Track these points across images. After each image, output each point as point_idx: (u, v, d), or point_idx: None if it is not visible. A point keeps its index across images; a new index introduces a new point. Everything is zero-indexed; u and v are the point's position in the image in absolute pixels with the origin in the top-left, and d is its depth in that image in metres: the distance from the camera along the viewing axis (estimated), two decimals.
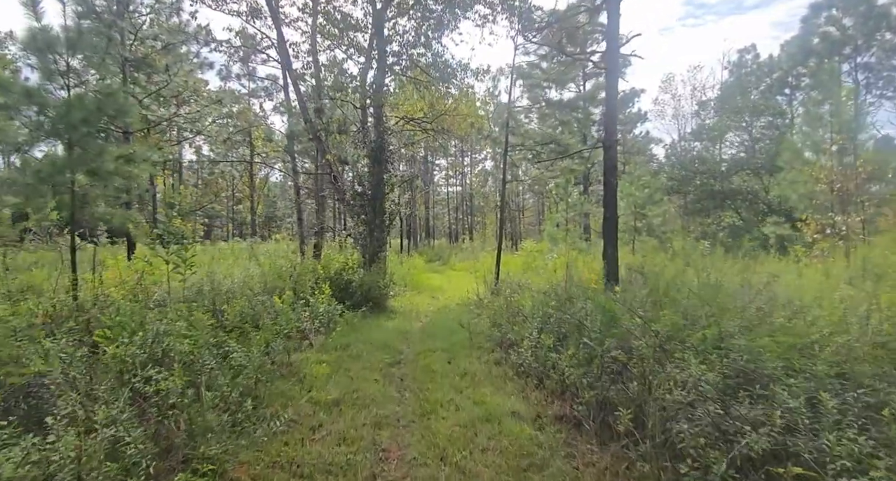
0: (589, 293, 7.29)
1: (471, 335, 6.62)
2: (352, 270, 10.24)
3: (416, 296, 12.59)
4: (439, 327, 7.96)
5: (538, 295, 8.86)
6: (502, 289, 11.44)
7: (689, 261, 11.78)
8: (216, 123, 26.47)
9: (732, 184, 21.60)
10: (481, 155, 47.63)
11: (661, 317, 3.73)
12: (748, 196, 22.07)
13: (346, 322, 7.93)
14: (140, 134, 24.27)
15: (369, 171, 11.96)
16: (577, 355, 3.82)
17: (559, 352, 4.15)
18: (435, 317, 9.35)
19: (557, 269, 14.72)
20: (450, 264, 24.15)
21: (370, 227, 11.77)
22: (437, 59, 12.92)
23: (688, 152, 27.49)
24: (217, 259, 15.05)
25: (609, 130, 8.16)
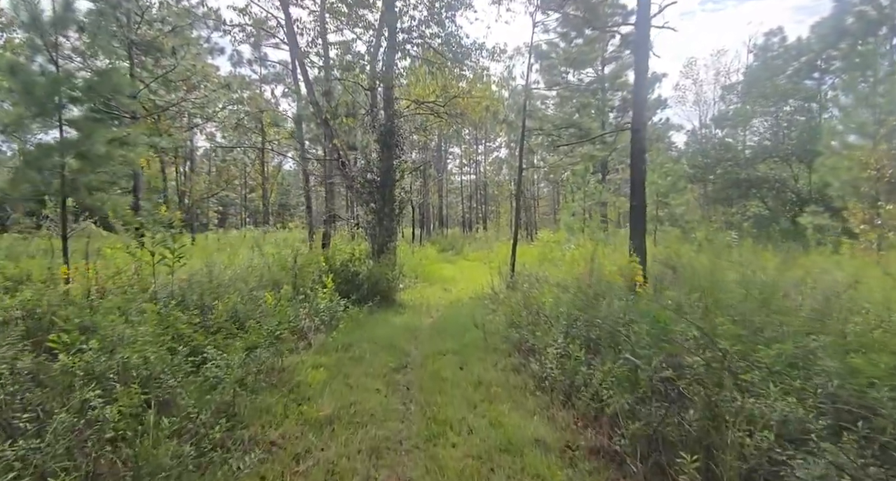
0: (616, 290, 6.65)
1: (485, 335, 6.02)
2: (359, 261, 9.68)
3: (428, 289, 12.01)
4: (451, 324, 7.37)
5: (558, 290, 8.23)
6: (518, 282, 10.81)
7: (720, 253, 11.03)
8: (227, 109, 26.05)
9: (758, 172, 20.58)
10: (495, 143, 46.74)
11: (715, 325, 3.09)
12: (775, 184, 21.04)
13: (351, 318, 7.37)
14: (151, 119, 23.94)
15: (378, 157, 11.35)
16: (614, 371, 3.20)
17: (591, 365, 3.51)
18: (446, 313, 8.76)
19: (576, 261, 14.05)
20: (463, 254, 23.53)
21: (379, 216, 11.18)
22: (451, 39, 12.19)
23: (710, 139, 26.38)
24: (222, 248, 14.62)
25: (638, 111, 7.43)
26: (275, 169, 47.22)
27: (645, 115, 7.38)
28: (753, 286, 5.22)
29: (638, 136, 7.34)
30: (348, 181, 11.64)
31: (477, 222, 43.29)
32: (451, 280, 14.18)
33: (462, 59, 12.08)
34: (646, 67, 7.24)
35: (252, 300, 5.69)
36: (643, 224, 7.51)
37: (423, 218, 32.33)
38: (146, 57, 19.18)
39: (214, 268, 8.44)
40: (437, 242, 27.66)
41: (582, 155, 11.12)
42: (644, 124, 7.40)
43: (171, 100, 19.22)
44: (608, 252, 13.67)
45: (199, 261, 9.83)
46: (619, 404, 2.89)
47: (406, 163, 11.34)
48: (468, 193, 47.78)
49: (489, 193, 46.25)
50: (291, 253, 8.89)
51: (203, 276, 7.89)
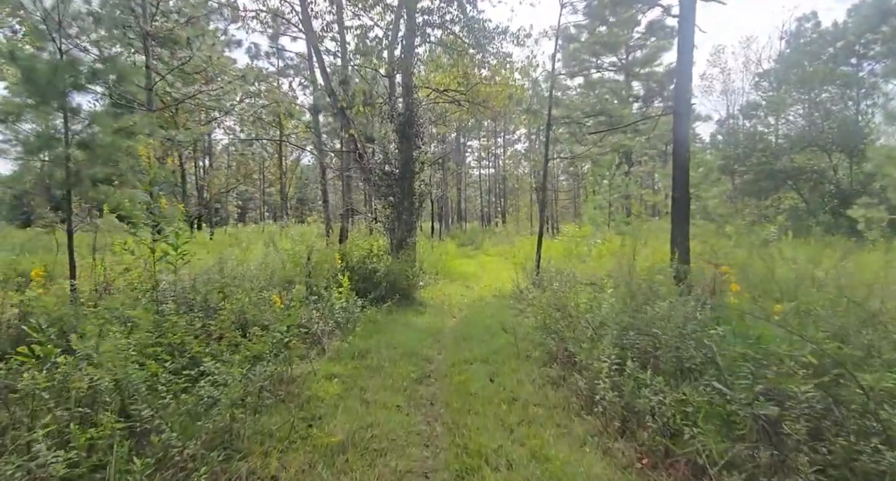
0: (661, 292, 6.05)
1: (516, 341, 5.45)
2: (377, 258, 9.18)
3: (448, 286, 11.48)
4: (476, 326, 6.82)
5: (588, 288, 7.62)
6: (544, 279, 10.22)
7: (765, 249, 10.29)
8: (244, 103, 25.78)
9: (794, 163, 19.53)
10: (515, 135, 45.92)
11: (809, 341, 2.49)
12: (812, 175, 19.97)
13: (368, 319, 6.88)
14: (169, 112, 23.74)
15: (397, 148, 10.82)
16: (693, 399, 2.62)
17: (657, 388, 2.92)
18: (469, 313, 8.22)
19: (603, 256, 13.37)
20: (483, 249, 22.94)
21: (398, 210, 10.67)
22: (473, 23, 11.57)
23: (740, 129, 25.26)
24: (238, 243, 14.29)
25: (681, 93, 6.74)
26: (293, 163, 47.13)
27: (689, 97, 6.71)
28: (829, 288, 4.57)
29: (680, 121, 6.67)
30: (365, 174, 11.13)
31: (496, 216, 42.60)
32: (473, 276, 13.63)
33: (485, 44, 11.45)
34: (691, 43, 6.55)
35: (262, 301, 5.21)
36: (686, 218, 6.85)
37: (442, 212, 31.78)
38: (162, 49, 18.95)
39: (226, 264, 8.05)
40: (456, 237, 27.11)
41: (612, 144, 10.45)
42: (688, 107, 6.73)
43: (188, 93, 18.93)
44: (638, 247, 13.00)
45: (213, 257, 9.46)
46: (708, 445, 2.30)
47: (426, 153, 10.79)
48: (487, 187, 47.09)
49: (508, 187, 45.46)
50: (306, 249, 8.44)
51: (214, 273, 7.49)
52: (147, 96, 17.91)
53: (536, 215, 41.00)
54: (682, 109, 6.65)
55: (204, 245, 14.86)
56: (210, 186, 25.79)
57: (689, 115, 6.82)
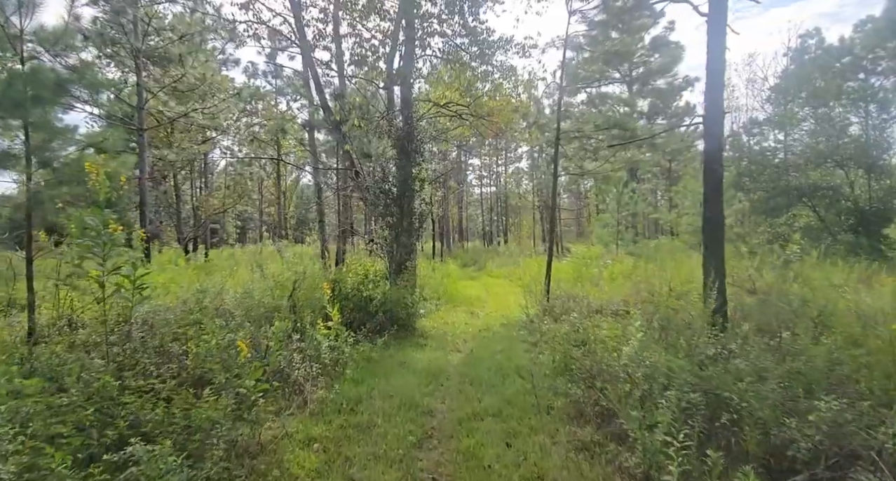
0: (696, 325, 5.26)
1: (533, 387, 4.61)
2: (373, 284, 8.37)
3: (451, 312, 10.63)
4: (484, 364, 5.97)
5: (609, 319, 6.82)
6: (556, 306, 9.39)
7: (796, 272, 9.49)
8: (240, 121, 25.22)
9: (810, 179, 18.81)
10: (516, 153, 45.46)
11: None
12: (828, 192, 19.23)
13: (362, 357, 6.04)
14: (164, 133, 23.16)
15: (395, 165, 10.11)
16: None
17: None
18: (476, 346, 7.36)
19: (616, 279, 12.54)
20: (486, 270, 22.10)
21: (396, 231, 9.89)
22: (475, 33, 10.97)
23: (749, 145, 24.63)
24: (228, 266, 13.49)
25: (712, 101, 6.01)
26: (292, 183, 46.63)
27: (720, 105, 5.97)
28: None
29: (712, 132, 5.93)
30: (362, 192, 10.40)
31: (498, 235, 41.84)
32: (478, 301, 12.79)
33: (489, 55, 10.83)
34: (722, 45, 5.84)
35: (232, 344, 4.39)
36: (721, 241, 6.06)
37: (444, 231, 31.03)
38: (154, 66, 18.43)
39: (206, 294, 7.26)
40: (458, 257, 26.29)
41: (625, 160, 9.74)
42: (720, 117, 5.98)
43: (182, 111, 18.34)
44: (653, 269, 12.19)
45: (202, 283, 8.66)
46: None
47: (426, 170, 10.06)
48: (488, 205, 46.45)
49: (510, 205, 44.80)
50: (295, 275, 7.64)
51: (191, 304, 6.70)
52: (138, 115, 17.37)
53: (539, 234, 40.26)
54: (713, 119, 5.92)
55: (197, 268, 14.13)
56: (205, 207, 25.06)
57: (722, 125, 6.09)
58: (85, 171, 5.91)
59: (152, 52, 18.32)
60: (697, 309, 6.53)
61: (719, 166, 6.01)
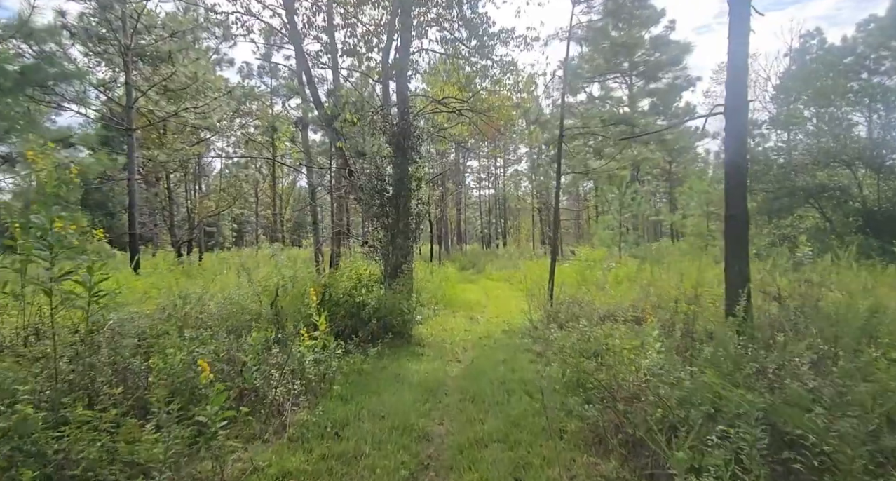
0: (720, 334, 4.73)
1: (543, 406, 4.08)
2: (367, 288, 7.85)
3: (450, 318, 10.10)
4: (486, 377, 5.43)
5: (622, 327, 6.30)
6: (560, 311, 8.87)
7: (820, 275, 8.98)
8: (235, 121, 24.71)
9: (817, 180, 18.34)
10: (516, 155, 45.05)
11: None
12: (835, 193, 18.76)
13: (352, 369, 5.51)
14: (156, 133, 22.59)
15: (390, 163, 9.59)
16: None
17: None
18: (477, 355, 6.83)
19: (621, 282, 12.03)
20: (485, 273, 21.59)
21: (392, 233, 9.37)
22: (475, 27, 10.49)
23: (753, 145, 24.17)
24: (217, 270, 12.95)
25: (735, 87, 5.50)
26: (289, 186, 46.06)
27: (744, 89, 5.48)
28: None
29: (735, 122, 5.43)
30: (356, 192, 9.89)
31: (496, 237, 41.36)
32: (477, 305, 12.27)
33: (489, 48, 10.32)
34: (747, 18, 5.34)
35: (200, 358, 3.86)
36: (745, 240, 5.55)
37: (442, 233, 30.49)
38: (143, 64, 17.89)
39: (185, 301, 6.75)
40: (456, 260, 25.77)
41: (632, 158, 9.24)
42: (744, 102, 5.48)
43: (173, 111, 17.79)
44: (659, 272, 11.68)
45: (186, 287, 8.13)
46: None
47: (423, 168, 9.55)
48: (487, 208, 45.99)
49: (509, 207, 44.34)
50: (282, 280, 7.11)
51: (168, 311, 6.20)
52: (127, 114, 16.83)
53: (538, 236, 39.77)
54: (735, 108, 5.42)
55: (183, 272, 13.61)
56: (199, 209, 24.54)
57: (745, 114, 5.59)
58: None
59: (143, 51, 17.82)
60: (717, 315, 6.02)
61: (743, 159, 5.51)
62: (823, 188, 18.47)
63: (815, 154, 18.40)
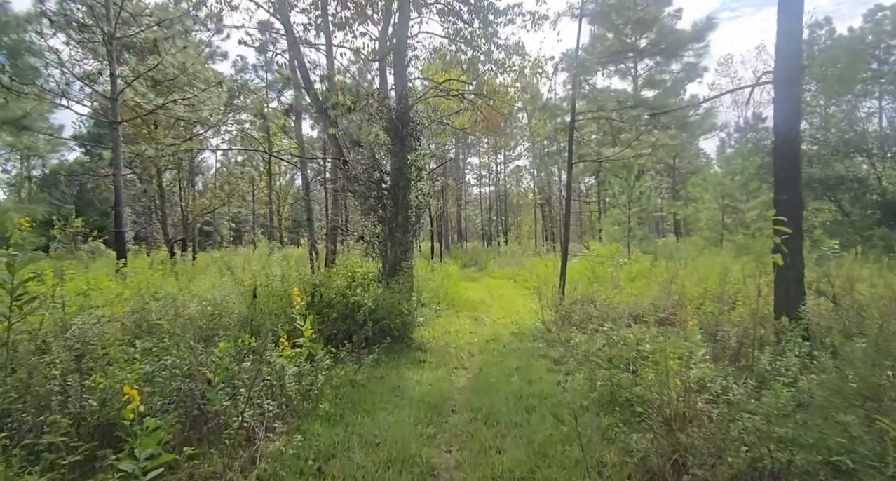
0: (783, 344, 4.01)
1: (578, 435, 3.31)
2: (362, 288, 7.09)
3: (454, 319, 9.36)
4: (500, 391, 4.67)
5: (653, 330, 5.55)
6: (574, 312, 8.11)
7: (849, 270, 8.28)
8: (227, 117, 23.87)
9: (835, 171, 17.57)
10: (516, 151, 44.23)
11: None
12: (853, 184, 18.00)
13: (344, 381, 4.76)
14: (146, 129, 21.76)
15: (388, 151, 8.83)
16: None
17: None
18: (485, 361, 6.07)
19: (635, 279, 11.28)
20: (488, 271, 20.85)
21: (390, 227, 8.61)
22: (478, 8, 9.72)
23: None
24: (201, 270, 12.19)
25: (789, 51, 4.73)
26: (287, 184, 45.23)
27: (798, 58, 4.72)
28: None
29: (788, 91, 4.67)
30: (350, 183, 9.13)
31: (497, 235, 40.61)
32: (482, 304, 11.52)
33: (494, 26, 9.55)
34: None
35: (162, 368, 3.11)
36: (799, 229, 4.79)
37: (442, 230, 29.72)
38: (130, 54, 17.10)
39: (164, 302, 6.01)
40: (457, 257, 25.02)
41: (650, 144, 8.58)
42: (797, 72, 4.72)
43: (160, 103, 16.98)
44: (676, 268, 10.93)
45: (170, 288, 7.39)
46: None
47: (424, 157, 8.78)
48: (487, 205, 45.22)
49: (510, 203, 43.58)
50: (265, 280, 6.36)
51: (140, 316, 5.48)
52: (112, 106, 16.05)
53: (541, 233, 38.98)
54: (787, 79, 4.66)
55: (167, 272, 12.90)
56: (192, 207, 23.71)
57: (799, 85, 4.84)
58: None
59: (129, 41, 17.02)
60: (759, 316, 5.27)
61: (795, 134, 4.75)
62: (842, 179, 17.70)
63: (832, 143, 17.63)
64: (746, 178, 13.92)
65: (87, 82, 17.97)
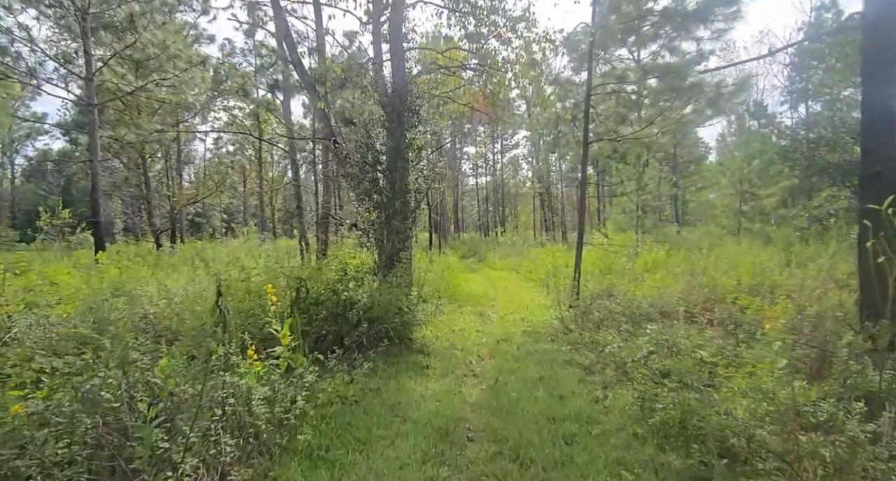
0: None
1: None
2: (356, 282, 6.19)
3: (457, 314, 8.48)
4: (524, 409, 3.79)
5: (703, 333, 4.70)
6: (593, 307, 7.24)
7: None
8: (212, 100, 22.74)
9: (855, 156, 16.69)
10: (512, 140, 43.26)
11: None
12: None
13: (333, 397, 3.86)
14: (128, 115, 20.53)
15: (384, 128, 7.88)
16: None
17: None
18: (500, 369, 5.17)
19: (649, 269, 10.42)
20: (488, 262, 19.98)
21: (387, 213, 7.68)
22: None
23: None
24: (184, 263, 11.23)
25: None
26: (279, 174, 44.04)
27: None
28: None
29: (882, 35, 3.77)
30: (341, 165, 8.19)
31: (495, 225, 39.75)
32: (485, 298, 10.65)
33: None
34: None
35: None
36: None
37: (440, 220, 28.77)
38: (106, 32, 15.94)
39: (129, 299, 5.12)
40: (456, 248, 24.11)
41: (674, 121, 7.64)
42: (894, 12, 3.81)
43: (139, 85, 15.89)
44: (698, 259, 10.07)
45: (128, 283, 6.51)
46: None
47: (425, 134, 7.84)
48: (484, 195, 44.27)
49: (507, 192, 42.64)
50: (240, 275, 5.44)
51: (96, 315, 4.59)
52: (87, 87, 14.99)
53: (539, 223, 38.12)
54: (882, 19, 3.76)
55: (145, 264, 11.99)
56: (178, 197, 22.65)
57: None
58: None
59: (106, 18, 15.87)
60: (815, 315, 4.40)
61: (891, 94, 3.84)
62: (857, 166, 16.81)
63: (851, 126, 16.73)
64: (766, 163, 13.05)
65: (62, 62, 16.85)
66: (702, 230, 15.27)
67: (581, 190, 8.30)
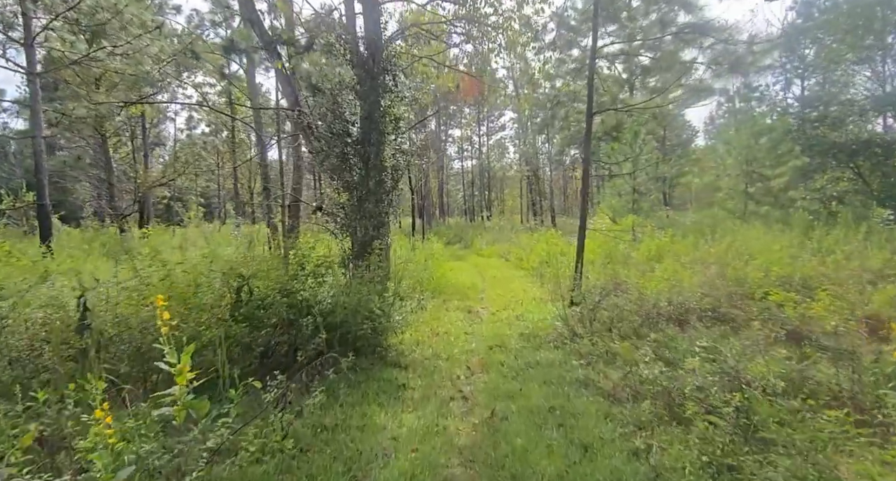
0: None
1: None
2: (315, 278, 5.01)
3: (441, 312, 7.36)
4: (537, 470, 2.69)
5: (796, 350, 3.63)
6: (600, 303, 6.16)
7: None
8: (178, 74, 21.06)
9: (862, 135, 15.82)
10: (499, 122, 41.97)
11: None
12: (876, 150, 16.30)
13: (262, 450, 2.72)
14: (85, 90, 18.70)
15: (355, 94, 6.63)
16: None
17: None
18: (496, 390, 4.06)
19: (655, 258, 9.40)
20: (474, 248, 18.87)
21: (359, 195, 6.47)
22: None
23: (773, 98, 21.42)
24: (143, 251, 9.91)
25: None
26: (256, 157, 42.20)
27: None
28: None
29: None
30: (305, 136, 6.94)
31: (481, 210, 38.61)
32: (473, 290, 9.53)
33: None
34: None
35: None
36: None
37: (424, 204, 27.50)
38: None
39: None
40: (440, 234, 22.92)
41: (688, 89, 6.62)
42: None
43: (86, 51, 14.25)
44: (703, 244, 9.08)
45: None
46: None
47: (403, 101, 6.62)
48: (469, 179, 42.98)
49: (494, 176, 41.49)
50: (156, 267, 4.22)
51: None
52: (26, 53, 13.41)
53: (526, 207, 37.08)
54: None
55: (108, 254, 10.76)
56: (143, 179, 21.06)
57: None
58: None
59: None
60: None
61: None
62: (868, 144, 15.94)
63: (860, 103, 15.82)
64: (775, 141, 12.04)
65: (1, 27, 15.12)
66: (706, 213, 14.27)
67: (584, 169, 7.18)
